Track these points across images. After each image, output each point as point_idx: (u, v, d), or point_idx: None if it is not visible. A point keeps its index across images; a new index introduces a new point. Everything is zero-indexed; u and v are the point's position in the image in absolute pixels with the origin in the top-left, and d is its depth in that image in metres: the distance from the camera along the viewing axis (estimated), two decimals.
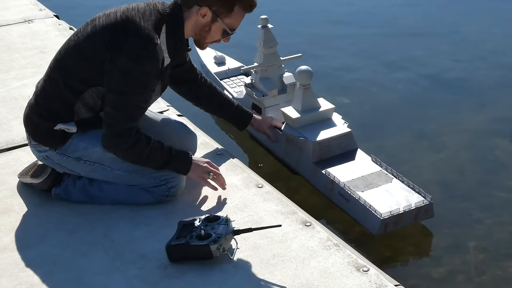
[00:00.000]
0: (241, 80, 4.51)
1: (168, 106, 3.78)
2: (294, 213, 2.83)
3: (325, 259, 2.54)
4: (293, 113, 3.59)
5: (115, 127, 2.73)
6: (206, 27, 2.82)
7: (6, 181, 3.13)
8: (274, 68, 3.98)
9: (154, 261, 2.56)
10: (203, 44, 2.91)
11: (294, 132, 3.57)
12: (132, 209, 2.88)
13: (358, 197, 3.20)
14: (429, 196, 3.21)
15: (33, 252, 2.66)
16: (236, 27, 2.86)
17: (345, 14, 6.66)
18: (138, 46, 2.63)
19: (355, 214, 3.25)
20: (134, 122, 2.74)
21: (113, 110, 2.71)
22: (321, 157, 3.50)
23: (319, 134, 3.51)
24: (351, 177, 3.35)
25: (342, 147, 3.54)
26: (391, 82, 5.08)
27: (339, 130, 3.56)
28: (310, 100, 3.60)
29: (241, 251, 2.58)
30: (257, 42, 3.93)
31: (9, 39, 5.03)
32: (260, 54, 3.94)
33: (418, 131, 4.32)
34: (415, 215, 3.19)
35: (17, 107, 3.84)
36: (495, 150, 4.07)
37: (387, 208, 3.13)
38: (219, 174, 2.94)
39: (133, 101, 2.70)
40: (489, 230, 3.35)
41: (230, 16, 2.79)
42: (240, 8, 2.79)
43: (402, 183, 3.30)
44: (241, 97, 4.13)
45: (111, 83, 2.68)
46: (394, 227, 3.15)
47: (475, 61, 5.39)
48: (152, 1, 2.83)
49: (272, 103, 3.96)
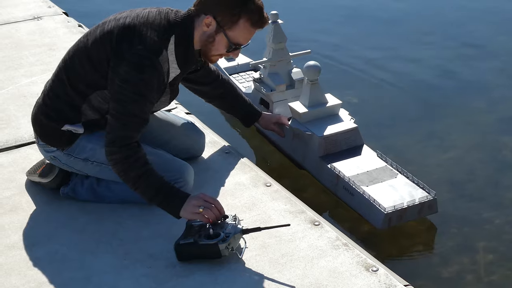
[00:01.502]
0: (250, 75, 4.52)
1: (176, 104, 3.78)
2: (302, 212, 2.82)
3: (334, 258, 2.53)
4: (301, 108, 3.61)
5: (109, 135, 2.65)
6: (210, 38, 2.71)
7: (15, 179, 3.13)
8: (283, 63, 3.99)
9: (163, 260, 2.56)
10: (209, 57, 2.79)
11: (301, 126, 3.59)
12: (140, 207, 2.87)
13: (362, 192, 3.23)
14: (433, 192, 3.24)
15: (42, 250, 2.66)
16: (241, 42, 2.73)
17: (357, 11, 6.64)
18: (140, 56, 2.58)
19: (359, 208, 3.29)
20: (129, 131, 2.63)
21: (111, 117, 2.65)
22: (327, 152, 3.53)
23: (326, 129, 3.54)
24: (356, 172, 3.39)
25: (348, 142, 3.57)
26: (400, 81, 5.06)
27: (345, 125, 3.59)
28: (317, 95, 3.62)
29: (249, 250, 2.57)
30: (266, 37, 3.93)
31: (18, 36, 5.04)
32: (269, 49, 3.95)
33: (427, 131, 4.30)
34: (418, 210, 3.22)
35: (26, 104, 3.84)
36: (504, 150, 4.05)
37: (391, 203, 3.17)
38: (211, 207, 2.58)
39: (130, 109, 2.62)
40: (498, 230, 3.33)
41: (233, 29, 2.67)
42: (247, 22, 2.67)
43: (406, 178, 3.34)
44: (250, 92, 4.14)
45: (112, 91, 2.65)
46: (398, 221, 3.19)
47: (484, 60, 5.36)
48: (165, 10, 2.76)
49: (280, 98, 3.98)
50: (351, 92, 4.78)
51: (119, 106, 2.63)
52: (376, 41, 5.84)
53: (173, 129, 3.18)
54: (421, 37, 5.90)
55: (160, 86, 2.70)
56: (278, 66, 3.98)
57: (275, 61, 3.95)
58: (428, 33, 5.99)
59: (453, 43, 5.73)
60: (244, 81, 4.46)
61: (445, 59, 5.42)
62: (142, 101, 2.63)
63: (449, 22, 6.22)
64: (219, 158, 3.28)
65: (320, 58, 4.64)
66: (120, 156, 2.62)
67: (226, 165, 3.21)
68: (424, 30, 6.07)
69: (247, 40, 2.75)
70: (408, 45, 5.73)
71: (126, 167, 2.62)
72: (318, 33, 6.00)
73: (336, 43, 5.77)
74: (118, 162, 2.63)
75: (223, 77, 3.28)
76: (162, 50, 2.65)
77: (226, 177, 3.12)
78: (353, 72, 5.24)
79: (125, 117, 2.63)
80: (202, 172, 3.12)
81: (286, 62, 4.00)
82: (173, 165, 2.91)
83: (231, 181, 3.08)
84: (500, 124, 4.36)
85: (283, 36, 3.91)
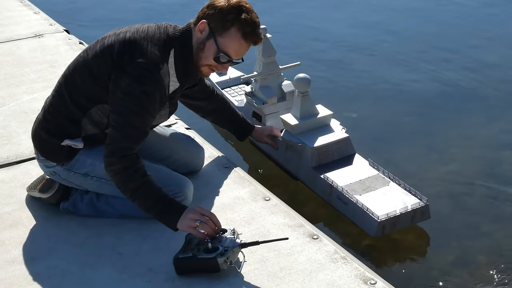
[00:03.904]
0: (242, 89, 4.55)
1: (176, 119, 3.80)
2: (301, 226, 2.83)
3: (333, 272, 2.54)
4: (292, 120, 3.65)
5: (109, 146, 2.66)
6: (201, 44, 2.72)
7: (15, 194, 3.15)
8: (273, 76, 4.02)
9: (162, 274, 2.57)
10: (199, 67, 2.78)
11: (293, 138, 3.63)
12: (139, 222, 2.88)
13: (356, 201, 3.26)
14: (425, 198, 3.27)
15: (41, 265, 2.67)
16: (230, 53, 2.70)
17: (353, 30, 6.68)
18: (141, 69, 2.61)
19: (353, 217, 3.31)
20: (129, 142, 2.65)
21: (112, 129, 2.67)
22: (319, 162, 3.56)
23: (317, 140, 3.58)
24: (349, 181, 3.42)
25: (340, 152, 3.60)
26: (400, 94, 5.08)
27: (337, 135, 3.63)
28: (308, 107, 3.66)
29: (248, 264, 2.58)
30: (256, 51, 3.97)
31: (20, 53, 5.07)
32: (259, 63, 3.99)
33: (427, 144, 4.32)
34: (411, 217, 3.25)
35: (27, 120, 3.86)
36: (503, 163, 4.06)
37: (384, 211, 3.19)
38: (208, 221, 2.58)
39: (131, 121, 2.64)
40: (497, 244, 3.34)
41: (224, 36, 2.67)
42: (238, 32, 2.67)
43: (398, 186, 3.37)
44: (242, 106, 4.17)
45: (113, 103, 2.67)
46: (392, 229, 3.22)
47: (484, 74, 5.38)
48: (164, 24, 2.80)
49: (272, 110, 4.01)
50: (350, 107, 4.80)
51: (120, 118, 2.65)
52: (374, 55, 5.87)
53: (172, 144, 3.20)
54: (420, 51, 5.92)
55: (161, 99, 2.72)
56: (269, 79, 4.01)
57: (265, 74, 3.99)
58: (427, 47, 6.02)
59: (452, 56, 5.76)
60: (236, 95, 4.49)
61: (444, 72, 5.44)
62: (143, 113, 2.66)
63: (448, 37, 6.24)
64: (218, 172, 3.29)
65: (317, 73, 4.66)
66: (119, 167, 2.63)
67: (226, 179, 3.22)
68: (423, 44, 6.10)
69: (237, 53, 2.74)
70: (407, 59, 5.76)
71: (125, 178, 2.64)
72: (316, 46, 6.04)
73: (333, 58, 5.80)
74: (117, 173, 2.65)
75: (217, 92, 3.32)
76: (163, 63, 2.68)
77: (225, 191, 3.13)
78: (353, 86, 5.26)
79: (126, 129, 2.65)
80: (201, 187, 3.14)
81: (276, 75, 4.04)
82: (173, 180, 2.93)
83: (230, 195, 3.09)
84: (499, 137, 4.37)
85: (272, 50, 3.95)
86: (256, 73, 4.00)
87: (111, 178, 2.68)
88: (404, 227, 3.26)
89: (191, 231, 2.58)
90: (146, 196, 2.63)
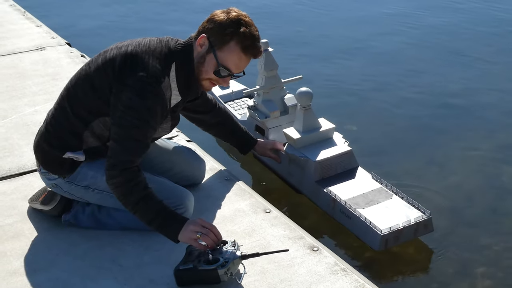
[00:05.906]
0: (245, 102, 4.57)
1: (177, 132, 3.82)
2: (301, 238, 2.85)
3: (332, 284, 2.55)
4: (295, 134, 3.65)
5: (111, 159, 2.67)
6: (201, 58, 2.74)
7: (17, 206, 3.16)
8: (275, 90, 4.04)
9: (163, 285, 2.58)
10: (200, 81, 2.80)
11: (296, 152, 3.63)
12: (140, 234, 2.90)
13: (359, 214, 3.25)
14: (427, 211, 3.27)
15: (43, 276, 2.68)
16: (230, 67, 2.72)
17: (353, 40, 6.71)
18: (142, 83, 2.62)
19: (356, 231, 3.30)
20: (130, 155, 2.66)
21: (113, 142, 2.68)
22: (322, 176, 3.56)
23: (320, 154, 3.58)
24: (352, 194, 3.42)
25: (343, 165, 3.60)
26: (399, 108, 5.10)
27: (339, 149, 3.62)
28: (311, 120, 3.66)
29: (248, 276, 2.59)
30: (258, 65, 3.99)
31: (22, 66, 5.10)
32: (261, 77, 4.00)
33: (427, 157, 4.33)
34: (414, 230, 3.25)
35: (29, 133, 3.89)
36: (503, 177, 4.08)
37: (387, 224, 3.19)
38: (209, 232, 2.59)
39: (132, 135, 2.65)
40: (497, 256, 3.34)
41: (223, 50, 2.69)
42: (237, 45, 2.69)
43: (401, 199, 3.37)
44: (245, 119, 4.18)
45: (114, 116, 2.68)
46: (395, 242, 3.21)
47: (484, 87, 5.41)
48: (165, 38, 2.82)
49: (275, 124, 4.02)
50: (350, 121, 4.81)
51: (121, 131, 2.66)
52: (374, 69, 5.90)
53: (173, 156, 3.22)
54: (419, 65, 5.95)
55: (163, 113, 2.74)
56: (271, 93, 4.03)
57: (267, 88, 4.01)
58: (426, 60, 6.05)
59: (452, 70, 5.78)
60: (239, 108, 4.51)
61: (444, 85, 5.47)
62: (144, 126, 2.67)
63: (448, 49, 6.27)
64: (219, 185, 3.31)
65: (319, 86, 4.67)
66: (121, 180, 2.65)
67: (226, 192, 3.24)
68: (422, 58, 6.12)
69: (237, 67, 2.75)
70: (407, 73, 5.78)
71: (126, 191, 2.65)
72: (316, 61, 6.07)
73: (333, 72, 5.83)
74: (118, 186, 2.66)
75: (220, 106, 3.33)
76: (165, 77, 2.70)
77: (226, 203, 3.15)
78: (353, 100, 5.28)
79: (127, 142, 2.66)
80: (202, 199, 3.16)
81: (279, 89, 4.05)
82: (174, 192, 2.94)
83: (231, 208, 3.11)
84: (499, 151, 4.38)
85: (274, 63, 3.97)
86: (258, 87, 4.02)
87: (113, 191, 2.69)
88: (407, 240, 3.25)
89: (192, 242, 2.59)
90: (147, 208, 2.65)
